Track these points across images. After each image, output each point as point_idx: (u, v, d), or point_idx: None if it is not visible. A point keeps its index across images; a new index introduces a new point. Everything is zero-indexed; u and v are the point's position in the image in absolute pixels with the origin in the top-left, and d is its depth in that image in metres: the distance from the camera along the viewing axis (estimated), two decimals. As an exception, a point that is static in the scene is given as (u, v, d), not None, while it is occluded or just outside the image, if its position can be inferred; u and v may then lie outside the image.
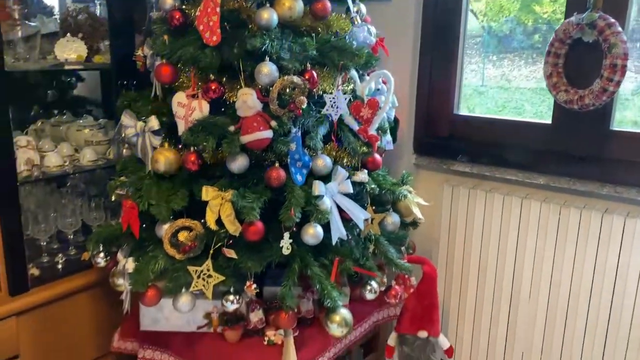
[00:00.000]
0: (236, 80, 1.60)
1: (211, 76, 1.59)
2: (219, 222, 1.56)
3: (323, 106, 1.67)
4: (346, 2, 1.80)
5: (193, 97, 1.59)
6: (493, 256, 2.07)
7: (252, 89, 1.54)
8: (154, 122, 1.63)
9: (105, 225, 1.94)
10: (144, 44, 1.83)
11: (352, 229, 1.76)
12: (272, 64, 1.53)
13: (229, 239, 1.61)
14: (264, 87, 1.57)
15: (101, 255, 1.83)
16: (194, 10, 1.59)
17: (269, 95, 1.54)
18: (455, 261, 2.17)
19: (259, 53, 1.52)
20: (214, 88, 1.57)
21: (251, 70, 1.55)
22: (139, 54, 1.84)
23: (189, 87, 1.62)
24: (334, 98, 1.66)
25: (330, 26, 1.73)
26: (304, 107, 1.56)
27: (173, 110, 1.61)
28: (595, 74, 1.77)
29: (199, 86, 1.61)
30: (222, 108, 1.63)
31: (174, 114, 1.61)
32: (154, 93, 1.76)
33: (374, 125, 1.74)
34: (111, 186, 1.75)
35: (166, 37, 1.60)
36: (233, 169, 1.57)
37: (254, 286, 1.63)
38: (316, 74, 1.64)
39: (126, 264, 1.66)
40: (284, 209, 1.56)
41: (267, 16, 1.51)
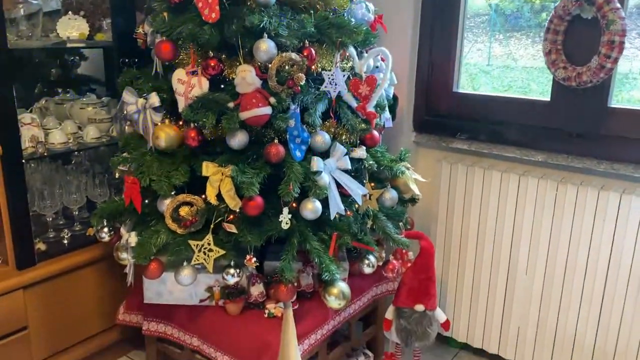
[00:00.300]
0: (235, 57, 1.62)
1: (210, 53, 1.61)
2: (219, 197, 1.59)
3: (321, 83, 1.69)
4: (345, -21, 1.81)
5: (193, 74, 1.61)
6: (490, 232, 2.10)
7: (251, 66, 1.56)
8: (154, 99, 1.66)
9: (109, 201, 1.98)
10: (144, 22, 1.84)
11: (351, 204, 1.79)
12: (270, 41, 1.54)
13: (229, 213, 1.64)
14: (262, 64, 1.58)
15: (105, 230, 1.87)
16: (193, -13, 1.60)
17: (267, 72, 1.56)
18: (453, 237, 2.20)
19: (257, 30, 1.54)
20: (213, 65, 1.59)
21: (250, 47, 1.56)
22: (139, 31, 1.85)
23: (189, 64, 1.64)
24: (332, 75, 1.67)
25: (329, 3, 1.74)
26: (302, 84, 1.58)
27: (173, 87, 1.63)
28: (594, 50, 1.78)
29: (198, 63, 1.63)
30: (222, 85, 1.65)
31: (174, 91, 1.63)
32: (154, 70, 1.78)
33: (372, 102, 1.75)
34: (114, 162, 1.78)
35: (166, 14, 1.62)
36: (233, 145, 1.60)
37: (254, 260, 1.66)
38: (314, 51, 1.66)
39: (129, 238, 1.70)
40: (283, 184, 1.59)
41: (266, -7, 1.52)
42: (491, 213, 2.08)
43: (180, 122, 1.69)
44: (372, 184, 1.87)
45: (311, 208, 1.62)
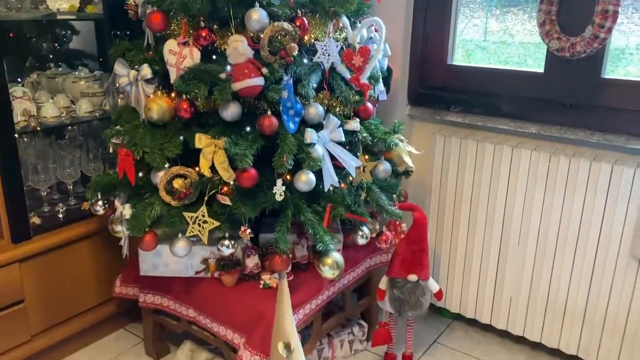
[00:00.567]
0: (227, 27, 1.60)
1: (202, 23, 1.59)
2: (212, 169, 1.60)
3: (314, 54, 1.68)
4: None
5: (184, 44, 1.59)
6: (483, 204, 2.11)
7: (243, 36, 1.55)
8: (146, 71, 1.64)
9: (103, 175, 1.98)
10: (135, -7, 1.82)
11: (345, 177, 1.80)
12: (262, 10, 1.53)
13: (223, 186, 1.65)
14: (254, 34, 1.57)
15: (99, 203, 1.87)
16: (183, -43, 1.58)
17: (259, 42, 1.55)
18: (447, 209, 2.22)
19: (249, -1, 1.52)
20: (204, 35, 1.58)
21: (242, 16, 1.55)
22: (130, 2, 1.82)
23: (180, 35, 1.63)
24: (325, 45, 1.66)
25: (321, -28, 1.72)
26: (295, 54, 1.57)
27: (165, 58, 1.62)
28: (587, 21, 1.77)
29: (189, 34, 1.62)
30: (214, 56, 1.64)
31: (166, 62, 1.62)
32: (146, 42, 1.77)
33: (365, 73, 1.75)
34: (107, 135, 1.77)
35: (156, -16, 1.60)
36: (225, 116, 1.59)
37: (248, 231, 1.67)
38: (307, 21, 1.64)
39: (123, 210, 1.71)
40: (276, 156, 1.59)
41: (257, -39, 1.50)
42: (484, 185, 2.09)
43: (173, 94, 1.68)
44: (366, 156, 1.87)
45: (305, 180, 1.63)
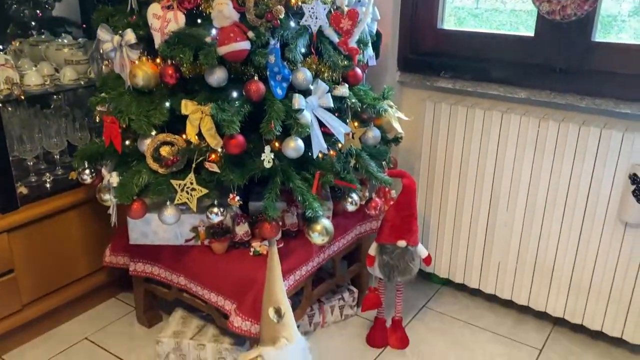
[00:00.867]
0: (212, -10, 1.56)
1: (186, -14, 1.56)
2: (200, 136, 1.58)
3: (302, 18, 1.65)
4: None
5: (168, 8, 1.56)
6: (472, 170, 2.12)
7: (228, -1, 1.51)
8: (130, 36, 1.61)
9: (89, 143, 1.96)
10: (117, -45, 1.77)
11: (334, 143, 1.79)
12: (247, -28, 1.49)
13: (211, 153, 1.63)
14: (240, -4, 1.54)
15: (87, 172, 1.86)
16: None
17: (245, 5, 1.52)
18: (436, 175, 2.22)
19: (233, -40, 1.48)
20: (189, -2, 1.54)
21: (226, -21, 1.51)
22: (112, -34, 1.78)
23: (164, -1, 1.59)
24: (312, 8, 1.63)
25: None
26: (281, 17, 1.54)
27: (149, 23, 1.58)
28: (579, -18, 1.74)
29: (174, -3, 1.58)
30: (198, 19, 1.60)
31: (150, 27, 1.58)
32: (130, 6, 1.72)
33: (354, 37, 1.72)
34: (92, 102, 1.75)
35: (138, -54, 1.55)
36: (212, 82, 1.57)
37: (237, 198, 1.67)
38: (294, -17, 1.61)
39: (111, 178, 1.69)
40: (264, 122, 1.58)
41: None
42: (474, 151, 2.09)
43: (158, 60, 1.65)
44: (356, 123, 1.86)
45: (293, 146, 1.61)
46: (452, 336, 2.13)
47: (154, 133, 1.63)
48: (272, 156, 1.63)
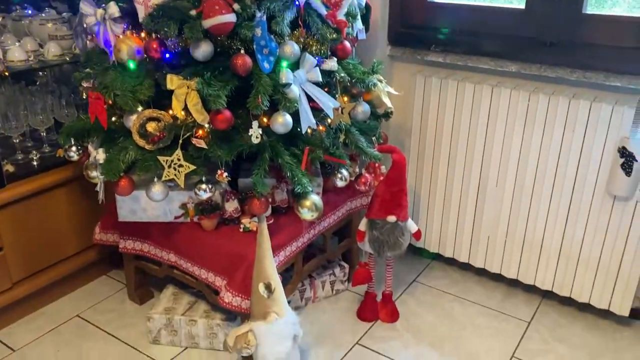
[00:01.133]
0: (196, -39, 1.53)
1: (169, -43, 1.52)
2: (187, 112, 1.56)
3: (289, -12, 1.62)
4: None
5: (152, -20, 1.52)
6: (463, 144, 2.11)
7: (213, -30, 1.48)
8: (113, 9, 1.58)
9: (75, 120, 1.93)
10: None
11: (323, 119, 1.77)
12: (232, -58, 1.45)
13: (198, 128, 1.62)
14: (225, -32, 1.50)
15: (73, 149, 1.84)
16: None
17: (230, -24, 1.49)
18: (427, 150, 2.21)
19: None
20: (172, -30, 1.51)
21: (211, -51, 1.47)
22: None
23: (148, -30, 1.55)
24: (299, -20, 1.60)
25: None
26: (267, -11, 1.51)
27: (132, -5, 1.55)
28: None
29: (157, -32, 1.54)
30: (183, -8, 1.57)
31: (133, -1, 1.55)
32: (113, -21, 1.68)
33: (342, 9, 1.69)
34: (76, 78, 1.72)
35: None
36: (197, 56, 1.54)
37: (225, 174, 1.66)
38: (280, -47, 1.57)
39: (97, 155, 1.68)
40: (251, 97, 1.56)
41: None
42: (464, 125, 2.08)
43: (142, 34, 1.62)
44: (345, 98, 1.84)
45: (281, 122, 1.60)
46: (442, 310, 2.15)
47: (140, 109, 1.61)
48: (260, 132, 1.61)
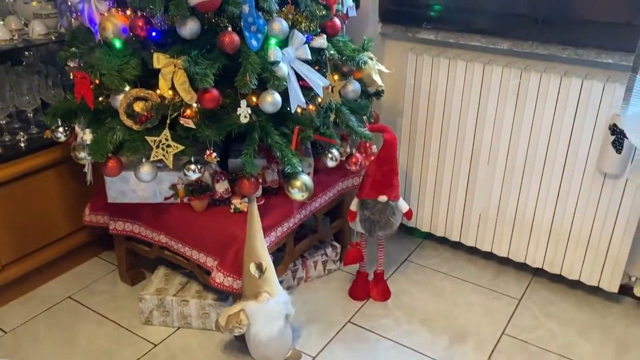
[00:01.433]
0: None
1: None
2: (175, 91, 1.54)
3: (277, -35, 1.59)
4: None
5: (136, -44, 1.49)
6: (454, 123, 2.10)
7: (198, -55, 1.44)
8: (97, -14, 1.54)
9: (62, 100, 1.90)
10: None
11: (313, 98, 1.75)
12: None
13: (185, 108, 1.60)
14: (210, -58, 1.46)
15: (60, 130, 1.82)
16: None
17: (216, -49, 1.45)
18: (418, 129, 2.20)
19: None
20: (157, -55, 1.47)
21: None
22: None
23: (131, -55, 1.52)
24: (287, -45, 1.56)
25: None
26: (254, -35, 1.48)
27: (116, -28, 1.52)
28: None
29: (141, -57, 1.50)
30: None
31: (118, -24, 1.52)
32: (96, -45, 1.64)
33: (331, -14, 1.66)
34: (61, 57, 1.69)
35: None
36: (184, 34, 1.52)
37: (214, 155, 1.64)
38: None
39: (84, 136, 1.66)
40: (239, 75, 1.54)
41: None
42: (455, 104, 2.07)
43: (128, 12, 1.59)
44: (336, 76, 1.82)
45: (270, 101, 1.58)
46: (433, 288, 2.16)
47: (126, 88, 1.59)
48: (249, 111, 1.59)
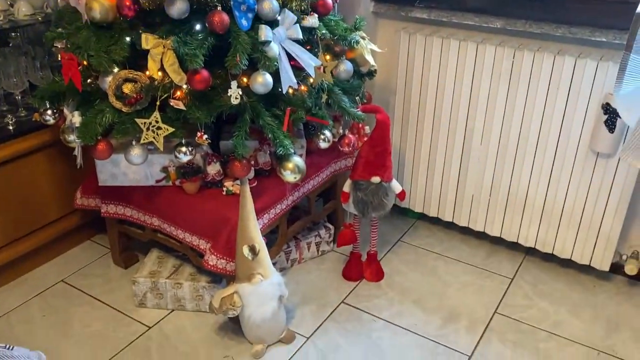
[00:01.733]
0: None
1: None
2: (164, 72, 1.51)
3: (266, -58, 1.55)
4: None
5: None
6: (447, 103, 2.09)
7: None
8: (82, -36, 1.51)
9: (50, 82, 1.87)
10: None
11: (304, 79, 1.73)
12: None
13: (175, 89, 1.57)
14: None
15: (49, 112, 1.79)
16: None
17: None
18: (412, 109, 2.19)
19: None
20: None
21: None
22: None
23: None
24: None
25: None
26: (243, -58, 1.45)
27: (102, -51, 1.48)
28: None
29: None
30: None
31: (103, -46, 1.48)
32: None
33: (322, -37, 1.63)
34: (48, 37, 1.66)
35: None
36: (172, 14, 1.49)
37: (205, 136, 1.63)
38: None
39: (73, 118, 1.63)
40: (229, 55, 1.52)
41: None
42: (449, 84, 2.06)
43: (115, -9, 1.55)
44: (327, 56, 1.80)
45: (261, 81, 1.56)
46: (426, 268, 2.17)
47: (115, 70, 1.56)
48: (240, 92, 1.57)
